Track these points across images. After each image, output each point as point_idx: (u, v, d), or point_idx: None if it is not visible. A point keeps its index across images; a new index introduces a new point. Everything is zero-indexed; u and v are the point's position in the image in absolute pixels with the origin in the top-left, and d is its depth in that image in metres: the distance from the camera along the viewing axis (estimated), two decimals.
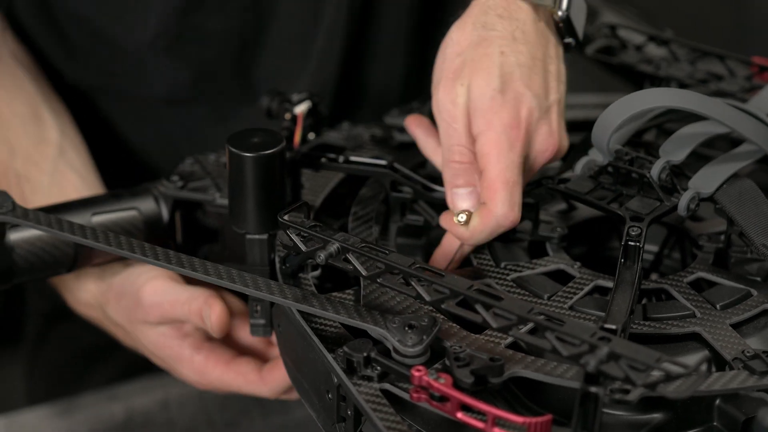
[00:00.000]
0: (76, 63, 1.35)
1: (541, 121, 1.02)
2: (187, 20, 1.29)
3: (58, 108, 1.29)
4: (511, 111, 1.00)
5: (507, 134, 1.00)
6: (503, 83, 1.01)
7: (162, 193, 1.13)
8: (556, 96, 1.05)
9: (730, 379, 0.90)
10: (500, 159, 0.99)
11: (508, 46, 1.02)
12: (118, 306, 1.16)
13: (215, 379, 1.14)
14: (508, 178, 0.99)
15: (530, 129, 1.01)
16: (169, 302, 1.12)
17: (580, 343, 0.84)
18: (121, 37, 1.31)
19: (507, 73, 1.01)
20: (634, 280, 0.96)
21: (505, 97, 1.01)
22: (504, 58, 1.02)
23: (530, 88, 1.02)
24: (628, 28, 1.29)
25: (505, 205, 0.99)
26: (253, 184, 1.02)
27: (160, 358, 1.16)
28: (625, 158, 1.04)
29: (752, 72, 1.21)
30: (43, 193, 1.17)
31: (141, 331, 1.15)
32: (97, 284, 1.18)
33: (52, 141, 1.24)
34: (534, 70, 1.03)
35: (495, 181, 0.99)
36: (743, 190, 1.03)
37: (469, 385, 0.87)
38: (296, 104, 1.15)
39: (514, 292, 1.01)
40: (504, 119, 1.00)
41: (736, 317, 0.97)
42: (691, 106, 1.03)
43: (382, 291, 0.99)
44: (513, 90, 1.01)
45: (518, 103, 1.01)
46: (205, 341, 1.14)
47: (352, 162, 1.11)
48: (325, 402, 0.94)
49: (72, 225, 1.02)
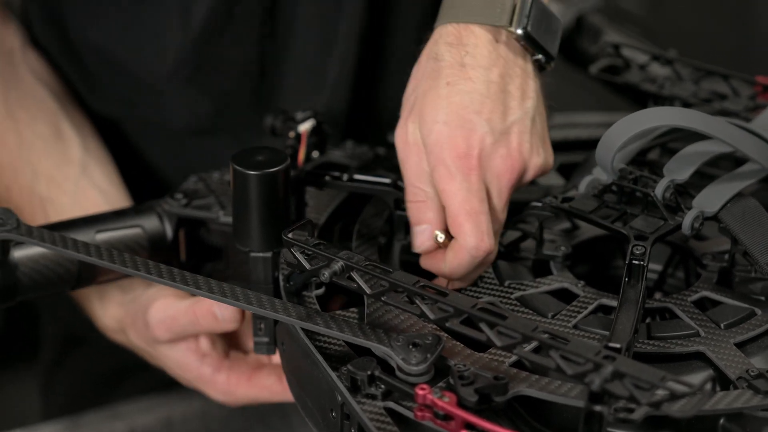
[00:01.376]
0: (96, 93, 1.36)
1: (496, 145, 1.00)
2: (204, 51, 1.30)
3: (81, 123, 1.30)
4: (459, 141, 0.99)
5: (458, 166, 0.99)
6: (449, 114, 1.00)
7: (166, 211, 1.13)
8: (518, 114, 1.02)
9: (734, 398, 0.89)
10: (457, 192, 0.99)
11: (455, 74, 1.01)
12: (134, 330, 1.17)
13: (242, 396, 1.14)
14: (469, 209, 0.99)
15: (483, 155, 0.99)
16: (171, 316, 1.12)
17: (584, 362, 0.84)
18: (140, 69, 1.31)
19: (453, 103, 1.00)
20: (638, 299, 0.96)
21: (452, 127, 0.99)
22: (450, 89, 1.01)
23: (480, 114, 1.00)
24: (632, 47, 1.29)
25: (473, 236, 0.99)
26: (257, 202, 1.02)
27: (185, 379, 1.17)
28: (629, 177, 1.04)
29: (756, 91, 1.21)
30: (66, 215, 1.18)
31: (161, 352, 1.16)
32: (118, 309, 1.19)
33: (75, 160, 1.25)
34: (486, 94, 1.01)
35: (458, 215, 0.99)
36: (747, 209, 1.03)
37: (474, 403, 0.87)
38: (300, 122, 1.15)
39: (518, 311, 1.01)
40: (453, 151, 0.99)
41: (740, 336, 0.97)
42: (695, 126, 1.03)
43: (386, 309, 0.99)
44: (460, 119, 1.00)
45: (467, 132, 0.99)
46: (223, 359, 1.15)
47: (356, 180, 1.11)
48: (329, 420, 0.94)
49: (76, 242, 1.02)
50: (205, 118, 1.34)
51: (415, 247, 1.03)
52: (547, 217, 1.07)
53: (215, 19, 1.28)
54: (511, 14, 1.03)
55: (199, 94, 1.33)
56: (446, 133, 0.99)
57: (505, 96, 1.02)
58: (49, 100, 1.29)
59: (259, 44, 1.31)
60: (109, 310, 1.20)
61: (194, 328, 1.12)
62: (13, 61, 1.30)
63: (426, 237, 1.02)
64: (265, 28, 1.30)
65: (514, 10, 1.03)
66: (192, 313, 1.10)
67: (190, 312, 1.11)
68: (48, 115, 1.27)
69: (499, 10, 1.03)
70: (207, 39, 1.29)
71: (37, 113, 1.27)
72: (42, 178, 1.24)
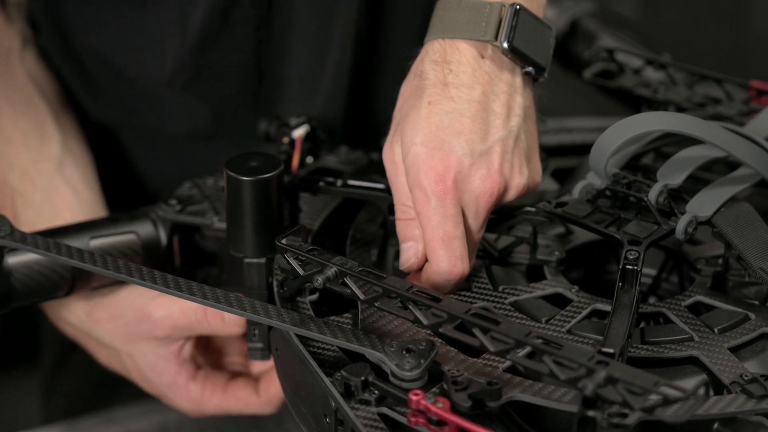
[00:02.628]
0: (97, 99, 1.36)
1: (475, 166, 0.99)
2: (203, 57, 1.30)
3: (67, 124, 1.30)
4: (436, 163, 0.99)
5: (433, 189, 0.98)
6: (427, 135, 0.99)
7: (160, 217, 1.13)
8: (501, 134, 1.01)
9: (728, 403, 0.89)
10: (432, 216, 0.99)
11: (437, 94, 1.01)
12: (112, 324, 1.15)
13: (213, 407, 1.14)
14: (443, 234, 0.99)
15: (460, 177, 0.99)
16: (180, 310, 1.11)
17: (577, 367, 0.84)
18: (139, 75, 1.31)
19: (433, 124, 1.00)
20: (632, 303, 0.96)
21: (429, 149, 0.99)
22: (431, 108, 1.00)
23: (460, 135, 0.99)
24: (626, 52, 1.30)
25: (445, 262, 0.99)
26: (251, 207, 1.02)
27: (154, 383, 1.16)
28: (623, 182, 1.04)
29: (750, 96, 1.21)
30: (34, 209, 1.18)
31: (140, 350, 1.15)
32: (84, 305, 1.17)
33: (52, 157, 1.25)
34: (467, 114, 1.00)
35: (431, 240, 0.99)
36: (741, 213, 1.03)
37: (467, 409, 0.87)
38: (294, 128, 1.15)
39: (512, 316, 1.01)
40: (429, 173, 0.99)
41: (734, 341, 0.97)
42: (689, 130, 1.03)
43: (379, 315, 0.99)
44: (438, 140, 0.99)
45: (444, 154, 0.99)
46: (198, 369, 1.14)
47: (350, 186, 1.11)
48: (323, 426, 0.94)
49: (70, 249, 1.02)
50: (204, 124, 1.34)
51: (401, 263, 1.03)
52: (541, 222, 1.07)
53: (212, 25, 1.28)
54: (497, 28, 1.02)
55: (198, 101, 1.33)
56: (423, 155, 0.99)
57: (488, 114, 1.01)
58: (38, 99, 1.29)
59: (255, 50, 1.31)
60: (72, 304, 1.17)
61: (200, 326, 1.11)
62: (8, 59, 1.30)
63: (411, 254, 1.02)
64: (261, 33, 1.31)
65: (500, 24, 1.02)
66: (202, 312, 1.10)
67: (200, 311, 1.10)
68: (33, 113, 1.27)
69: (485, 24, 1.02)
70: (205, 45, 1.29)
71: (22, 109, 1.27)
72: (16, 170, 1.24)
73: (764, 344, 0.98)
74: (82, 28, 1.32)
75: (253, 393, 1.13)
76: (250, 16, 1.29)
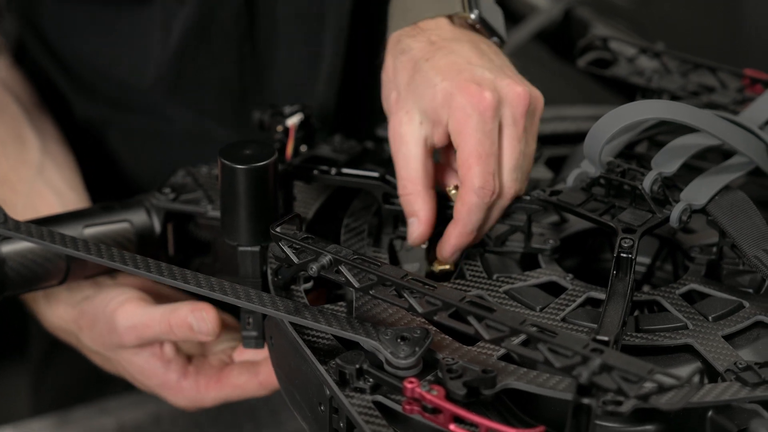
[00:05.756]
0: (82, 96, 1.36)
1: (499, 79, 1.02)
2: (183, 67, 1.30)
3: (45, 128, 1.29)
4: (468, 85, 1.01)
5: (474, 105, 1.00)
6: (444, 74, 1.02)
7: (154, 206, 1.13)
8: (502, 61, 1.05)
9: (722, 390, 0.90)
10: (473, 134, 1.00)
11: (430, 51, 1.04)
12: (92, 333, 1.14)
13: (210, 399, 1.12)
14: (481, 152, 1.00)
15: (493, 88, 1.01)
16: (143, 323, 1.09)
17: (572, 355, 0.84)
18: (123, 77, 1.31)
19: (442, 66, 1.02)
20: (626, 291, 0.96)
21: (456, 80, 1.01)
22: (432, 62, 1.03)
23: (470, 61, 1.02)
24: (620, 40, 1.29)
25: (480, 177, 1.00)
26: (245, 196, 1.02)
27: (146, 386, 1.14)
28: (617, 170, 1.04)
29: (744, 84, 1.21)
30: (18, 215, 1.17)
31: (123, 357, 1.13)
32: (68, 310, 1.16)
33: (32, 162, 1.24)
34: (467, 47, 1.04)
35: (468, 157, 1.01)
36: (735, 201, 1.03)
37: (462, 396, 0.87)
38: (288, 117, 1.15)
39: (507, 304, 1.01)
40: (465, 93, 1.01)
41: (728, 329, 0.97)
42: (683, 118, 1.03)
43: (374, 303, 0.99)
44: (456, 71, 1.02)
45: (469, 75, 1.01)
46: (188, 365, 1.13)
47: (344, 174, 1.11)
48: (318, 414, 0.94)
49: (64, 237, 1.02)
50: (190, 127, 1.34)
51: (409, 237, 1.04)
52: (536, 210, 1.07)
53: (192, 36, 1.28)
54: (462, 2, 1.06)
55: (182, 107, 1.33)
56: (453, 85, 1.01)
57: (482, 50, 1.05)
58: (12, 106, 1.28)
59: (239, 64, 1.31)
60: (57, 310, 1.16)
61: (167, 337, 1.10)
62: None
63: (414, 227, 1.04)
64: (244, 48, 1.30)
65: None
66: (166, 324, 1.08)
67: (164, 322, 1.08)
68: (9, 120, 1.26)
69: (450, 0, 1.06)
70: (185, 55, 1.29)
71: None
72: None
73: (758, 332, 0.98)
74: (62, 32, 1.32)
75: (251, 378, 1.11)
76: (231, 33, 1.29)
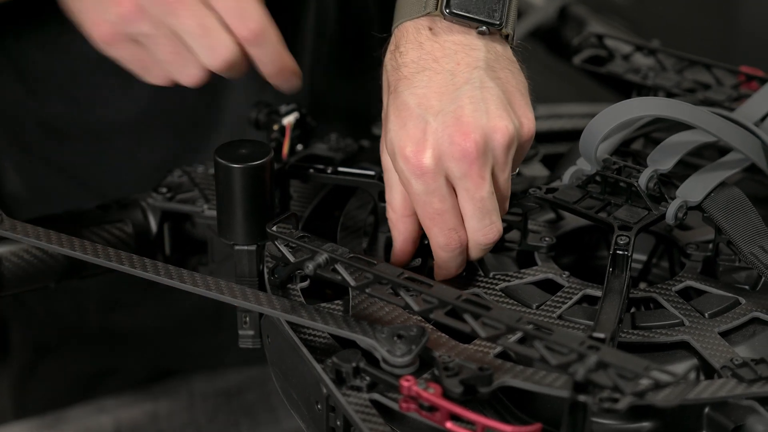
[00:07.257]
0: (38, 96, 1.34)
1: (447, 129, 0.97)
2: None
3: None
4: (405, 144, 0.98)
5: (409, 170, 0.98)
6: (395, 122, 1.00)
7: (150, 205, 1.13)
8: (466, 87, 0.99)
9: (718, 387, 0.90)
10: (418, 197, 0.99)
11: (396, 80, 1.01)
12: None
13: None
14: (432, 211, 0.99)
15: (436, 147, 0.98)
16: None
17: (568, 352, 0.84)
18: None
19: (399, 109, 0.99)
20: (622, 289, 0.96)
21: (399, 133, 0.99)
22: (395, 96, 1.01)
23: (426, 107, 0.99)
24: (616, 37, 1.30)
25: (440, 236, 1.00)
26: (241, 195, 1.02)
27: None
28: (613, 167, 1.04)
29: (739, 81, 1.21)
30: None
31: None
32: None
33: None
34: (422, 84, 1.00)
35: (423, 219, 1.00)
36: (731, 198, 1.03)
37: (458, 394, 0.87)
38: (284, 115, 1.15)
39: (503, 302, 1.01)
40: (402, 155, 0.98)
41: (724, 325, 0.97)
42: (679, 116, 1.03)
43: (370, 301, 0.99)
44: (403, 121, 0.99)
45: (412, 131, 0.98)
46: None
47: (340, 173, 1.11)
48: (315, 413, 0.94)
49: (60, 237, 1.02)
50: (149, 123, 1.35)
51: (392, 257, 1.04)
52: (532, 208, 1.07)
53: None
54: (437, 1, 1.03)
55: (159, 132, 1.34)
56: (396, 141, 0.99)
57: (446, 75, 1.00)
58: None
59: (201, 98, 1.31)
60: None
61: None
62: None
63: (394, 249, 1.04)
64: None
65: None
66: None
67: None
68: None
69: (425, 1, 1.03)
70: None
71: None
72: None
73: (754, 329, 0.98)
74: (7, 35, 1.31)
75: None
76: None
